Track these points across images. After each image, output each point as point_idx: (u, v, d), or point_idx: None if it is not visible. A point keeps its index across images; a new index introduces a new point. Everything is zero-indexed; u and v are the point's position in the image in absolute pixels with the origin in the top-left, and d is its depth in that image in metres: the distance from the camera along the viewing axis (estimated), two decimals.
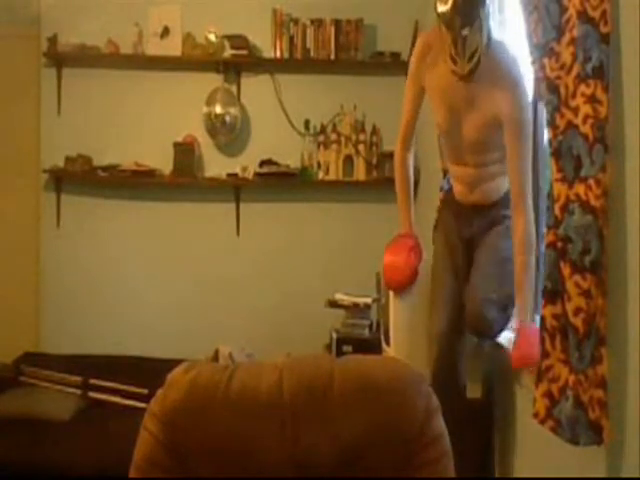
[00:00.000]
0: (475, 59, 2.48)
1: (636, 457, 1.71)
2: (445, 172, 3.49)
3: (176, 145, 4.59)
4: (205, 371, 1.58)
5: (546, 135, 2.10)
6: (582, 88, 1.77)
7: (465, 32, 2.44)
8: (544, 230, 2.10)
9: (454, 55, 2.50)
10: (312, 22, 4.60)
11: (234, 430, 1.49)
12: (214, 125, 4.63)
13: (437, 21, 2.55)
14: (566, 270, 1.80)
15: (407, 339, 3.04)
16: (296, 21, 4.59)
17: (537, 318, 2.52)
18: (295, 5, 4.60)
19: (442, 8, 2.48)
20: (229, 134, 4.66)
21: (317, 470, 1.46)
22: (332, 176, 4.66)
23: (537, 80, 1.98)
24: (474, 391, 2.93)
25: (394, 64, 4.62)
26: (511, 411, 2.76)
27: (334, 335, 4.14)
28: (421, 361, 2.77)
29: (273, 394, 1.50)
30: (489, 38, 2.53)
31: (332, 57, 4.62)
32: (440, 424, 1.51)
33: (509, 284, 2.65)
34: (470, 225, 2.86)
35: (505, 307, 2.70)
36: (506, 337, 2.77)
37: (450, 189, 3.02)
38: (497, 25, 3.47)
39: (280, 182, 4.65)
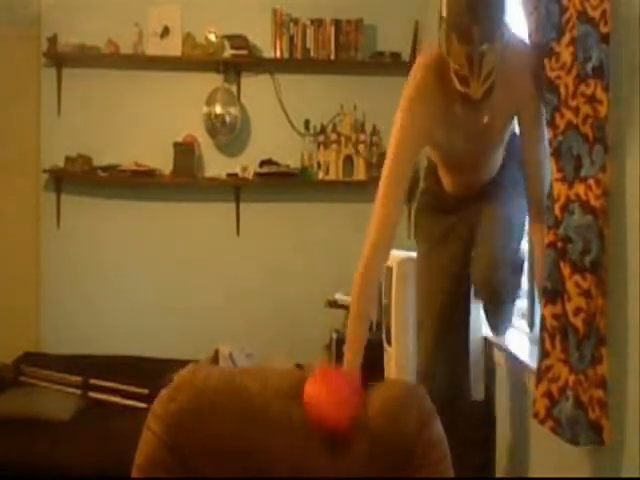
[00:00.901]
0: (490, 80, 2.00)
1: (636, 457, 1.71)
2: None
3: (176, 145, 4.59)
4: (213, 375, 1.58)
5: (546, 135, 2.10)
6: (582, 88, 1.77)
7: (485, 47, 1.94)
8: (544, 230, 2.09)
9: (467, 74, 1.99)
10: (312, 22, 4.60)
11: (239, 433, 1.49)
12: (214, 125, 4.63)
13: (443, 33, 2.01)
14: (566, 270, 1.80)
15: (409, 338, 3.04)
16: (296, 21, 4.59)
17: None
18: (295, 5, 4.60)
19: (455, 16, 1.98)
20: (229, 134, 4.66)
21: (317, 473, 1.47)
22: (332, 176, 4.66)
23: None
24: (476, 392, 2.93)
25: (394, 64, 4.62)
26: (511, 411, 2.76)
27: (334, 335, 4.14)
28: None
29: (282, 405, 1.51)
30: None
31: (332, 57, 4.61)
32: (438, 429, 1.51)
33: (517, 241, 2.44)
34: (466, 208, 2.54)
35: (515, 269, 2.44)
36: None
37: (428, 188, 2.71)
38: None
39: (280, 182, 4.65)
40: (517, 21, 2.32)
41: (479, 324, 2.98)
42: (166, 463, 1.49)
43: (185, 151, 4.60)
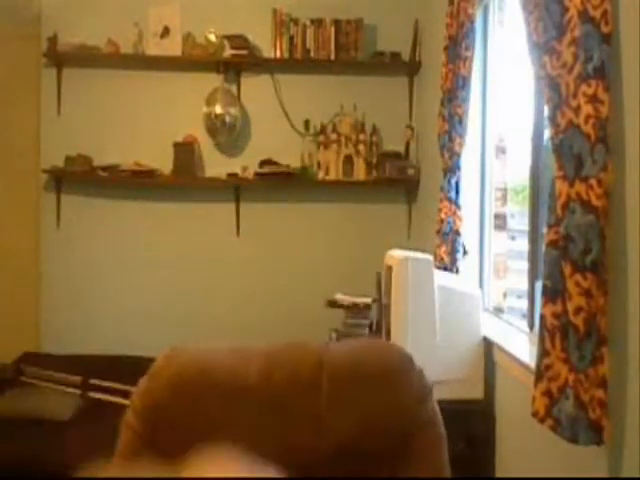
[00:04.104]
0: None
1: (636, 457, 1.71)
2: (445, 171, 3.46)
3: (176, 145, 4.59)
4: (189, 361, 1.55)
5: (547, 133, 2.09)
6: (583, 88, 1.77)
7: None
8: (544, 230, 2.09)
9: None
10: (312, 22, 4.60)
11: (220, 421, 1.47)
12: (214, 125, 4.63)
13: None
14: (567, 269, 1.80)
15: (408, 337, 3.04)
16: (296, 21, 4.59)
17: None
18: (295, 5, 4.60)
19: None
20: (229, 134, 4.66)
21: (309, 461, 1.44)
22: (332, 176, 4.66)
23: (538, 79, 1.98)
24: (475, 391, 2.93)
25: (394, 64, 4.63)
26: (511, 411, 2.75)
27: (334, 335, 4.14)
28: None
29: (261, 385, 1.48)
30: None
31: (332, 57, 4.61)
32: (434, 406, 1.50)
33: None
34: None
35: None
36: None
37: None
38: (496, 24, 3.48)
39: (280, 182, 4.65)
40: (517, 20, 2.31)
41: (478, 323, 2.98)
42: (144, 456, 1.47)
43: (185, 151, 4.60)
